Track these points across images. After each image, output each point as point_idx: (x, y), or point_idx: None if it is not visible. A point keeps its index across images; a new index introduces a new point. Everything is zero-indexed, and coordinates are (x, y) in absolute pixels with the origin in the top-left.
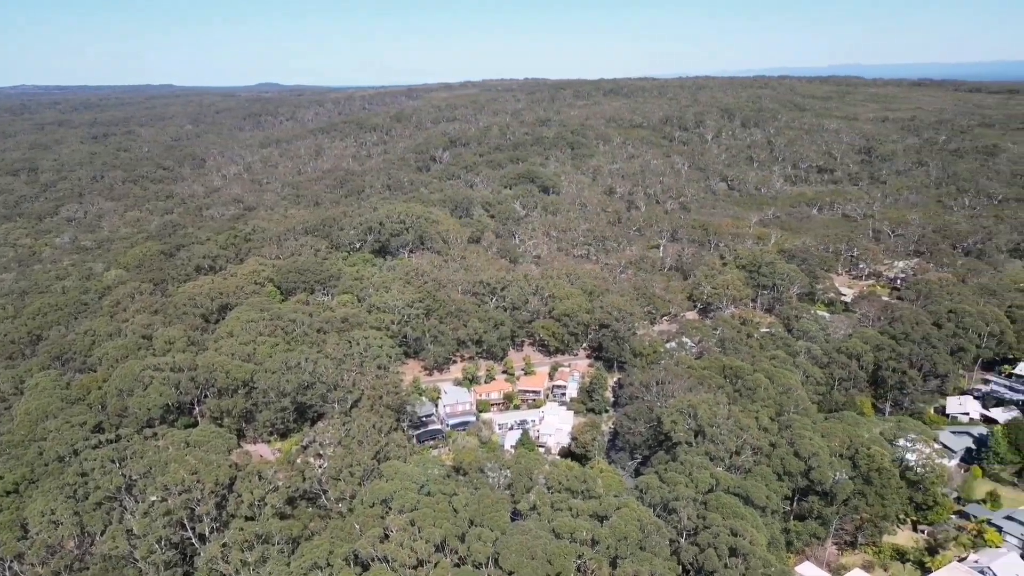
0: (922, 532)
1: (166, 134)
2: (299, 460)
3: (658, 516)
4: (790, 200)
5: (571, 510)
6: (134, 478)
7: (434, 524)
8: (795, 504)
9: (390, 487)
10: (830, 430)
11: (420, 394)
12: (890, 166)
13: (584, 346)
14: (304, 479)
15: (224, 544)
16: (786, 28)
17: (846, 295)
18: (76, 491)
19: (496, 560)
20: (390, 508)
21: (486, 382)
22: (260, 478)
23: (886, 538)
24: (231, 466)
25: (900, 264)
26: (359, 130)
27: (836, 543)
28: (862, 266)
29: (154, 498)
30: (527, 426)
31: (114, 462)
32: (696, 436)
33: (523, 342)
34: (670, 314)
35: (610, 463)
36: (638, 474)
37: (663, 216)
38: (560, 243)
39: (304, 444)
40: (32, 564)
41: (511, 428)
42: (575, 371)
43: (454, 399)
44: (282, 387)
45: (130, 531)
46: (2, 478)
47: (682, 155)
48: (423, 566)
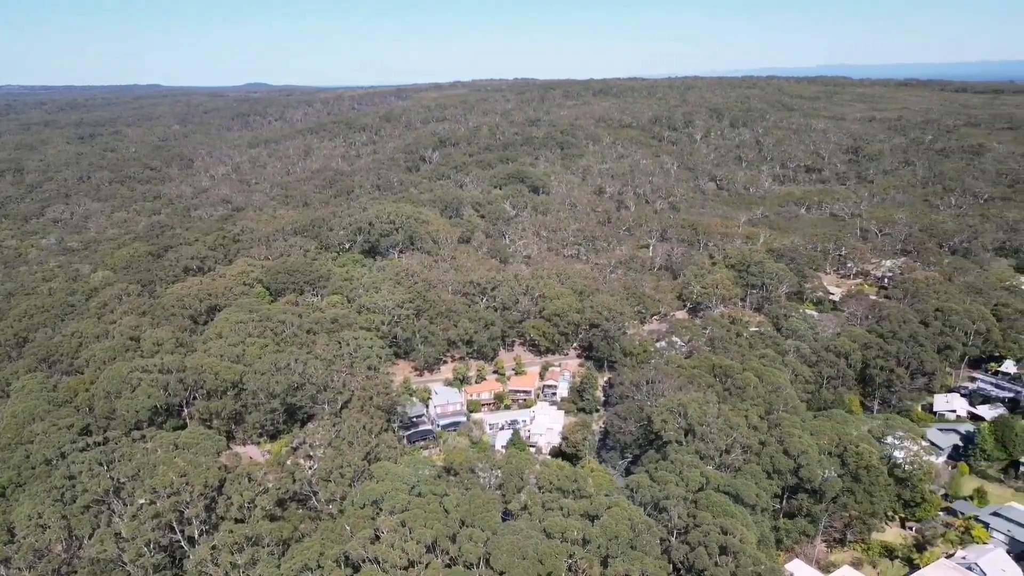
0: (910, 529)
1: (153, 134)
2: (289, 461)
3: (649, 515)
4: (778, 200)
5: (562, 510)
6: (122, 481)
7: (425, 525)
8: (785, 502)
9: (381, 488)
10: (819, 428)
11: (410, 395)
12: (877, 166)
13: (574, 346)
14: (294, 480)
15: (214, 546)
16: (775, 29)
17: (834, 294)
18: (64, 494)
19: (487, 560)
20: (381, 509)
21: (476, 382)
22: (250, 480)
23: (875, 535)
24: (220, 468)
25: (887, 263)
26: (348, 130)
27: (825, 540)
28: (850, 265)
29: (143, 501)
30: (518, 426)
31: (102, 465)
32: (686, 435)
33: (513, 342)
34: (660, 313)
35: (601, 462)
36: (628, 473)
37: (652, 216)
38: (550, 243)
39: (294, 445)
40: (19, 568)
41: (502, 428)
42: (565, 371)
43: (444, 399)
44: (272, 388)
45: (118, 534)
46: None
47: (671, 155)
48: (414, 567)
